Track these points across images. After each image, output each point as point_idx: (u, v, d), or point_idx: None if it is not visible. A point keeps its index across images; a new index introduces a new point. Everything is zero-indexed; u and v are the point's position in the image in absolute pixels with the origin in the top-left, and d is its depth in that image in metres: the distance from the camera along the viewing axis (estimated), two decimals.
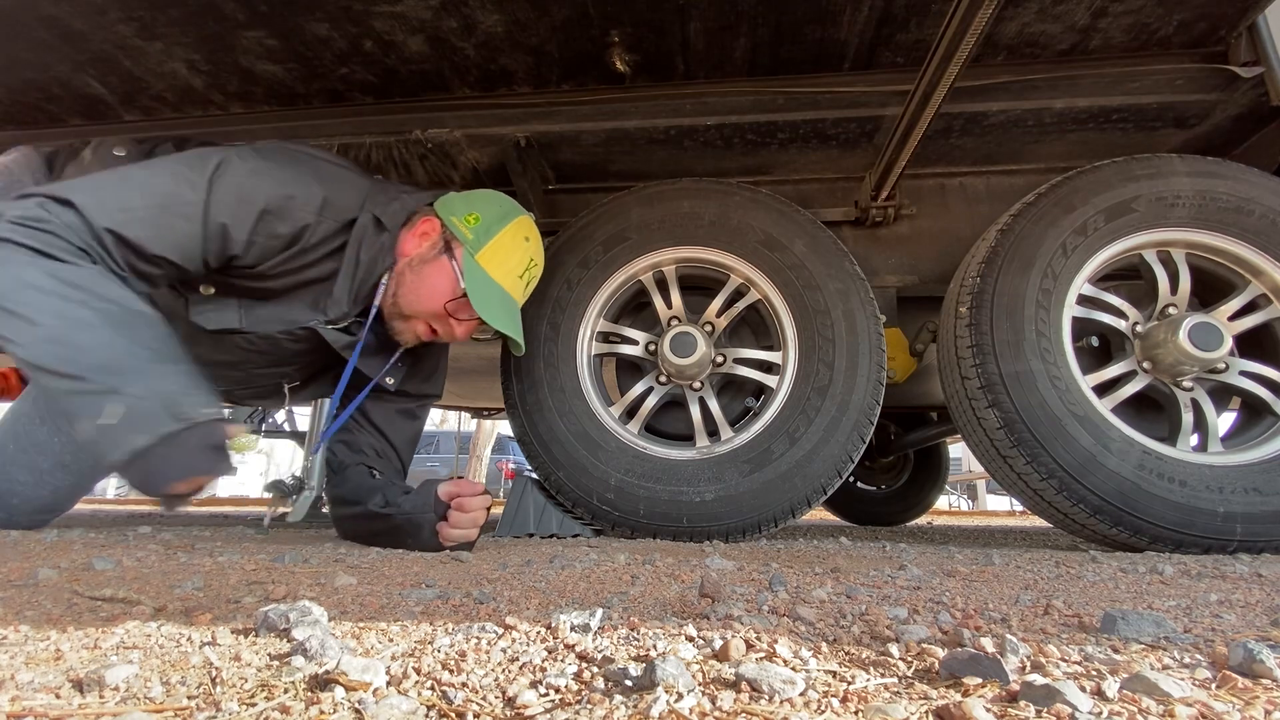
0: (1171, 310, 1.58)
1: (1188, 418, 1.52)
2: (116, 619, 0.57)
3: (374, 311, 1.38)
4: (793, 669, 0.46)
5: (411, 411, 1.63)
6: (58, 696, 0.40)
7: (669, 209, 1.78)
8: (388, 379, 1.52)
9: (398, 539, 1.31)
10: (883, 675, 0.45)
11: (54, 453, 1.44)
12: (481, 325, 1.41)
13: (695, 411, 1.73)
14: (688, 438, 1.74)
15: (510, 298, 1.43)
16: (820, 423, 1.60)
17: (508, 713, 0.39)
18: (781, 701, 0.40)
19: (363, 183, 1.39)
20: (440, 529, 1.26)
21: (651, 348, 1.78)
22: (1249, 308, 1.58)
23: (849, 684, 0.44)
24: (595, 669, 0.46)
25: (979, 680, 0.43)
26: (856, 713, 0.39)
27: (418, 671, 0.45)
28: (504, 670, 0.46)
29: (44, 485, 1.44)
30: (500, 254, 1.41)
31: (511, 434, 1.79)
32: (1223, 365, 1.52)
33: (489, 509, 1.31)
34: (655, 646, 0.51)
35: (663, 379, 1.76)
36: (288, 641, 0.49)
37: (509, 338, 1.41)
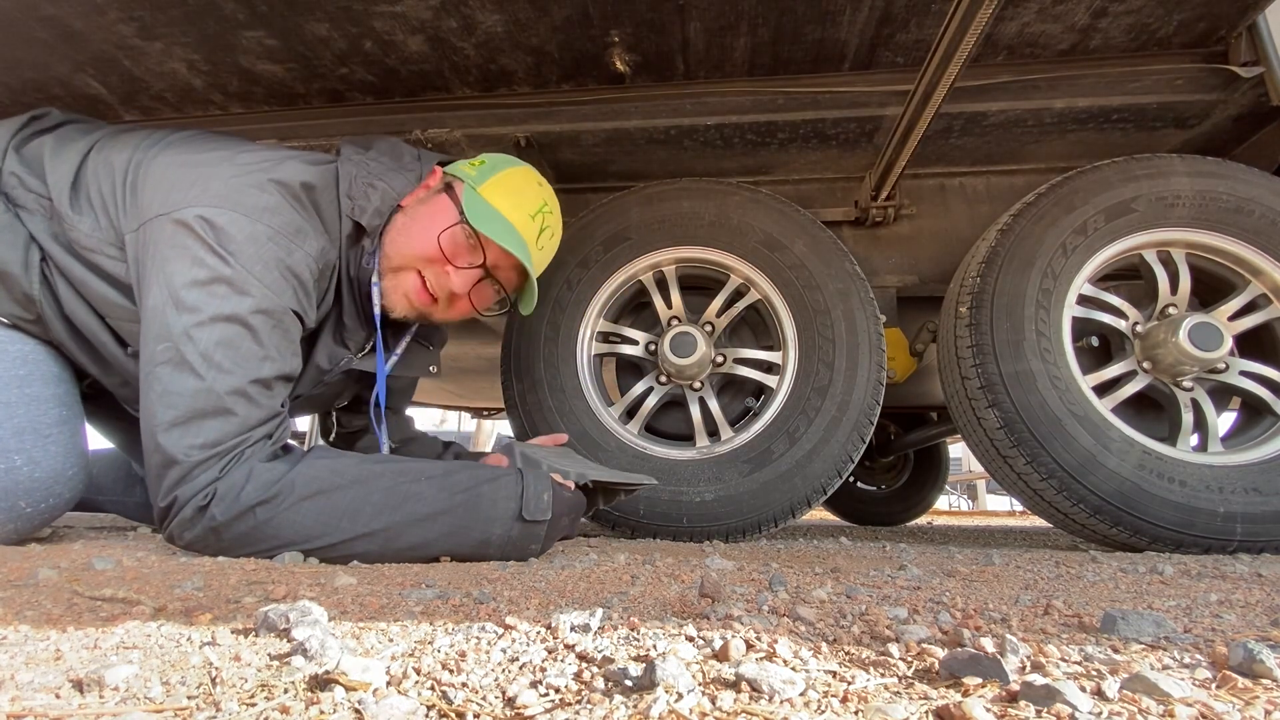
0: (1171, 310, 1.58)
1: (1188, 418, 1.52)
2: (116, 619, 0.57)
3: (377, 315, 1.22)
4: (793, 669, 0.46)
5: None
6: (58, 696, 0.40)
7: (669, 209, 1.78)
8: (430, 368, 1.45)
9: None
10: (883, 675, 0.45)
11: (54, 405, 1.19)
12: (489, 298, 1.29)
13: (695, 411, 1.73)
14: (688, 438, 1.74)
15: (519, 235, 1.22)
16: (820, 423, 1.60)
17: (508, 713, 0.39)
18: (781, 701, 0.40)
19: (326, 176, 1.18)
20: None
21: (651, 348, 1.78)
22: (1249, 308, 1.58)
23: (849, 684, 0.43)
24: (595, 669, 0.46)
25: (979, 680, 0.43)
26: (856, 713, 0.39)
27: (418, 671, 0.45)
28: (504, 670, 0.46)
29: (48, 451, 1.16)
30: (506, 187, 1.24)
31: (511, 434, 1.78)
32: (1223, 365, 1.52)
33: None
34: (655, 646, 0.51)
35: (663, 379, 1.76)
36: (288, 641, 0.49)
37: (520, 297, 1.28)
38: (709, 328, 1.77)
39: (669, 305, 1.79)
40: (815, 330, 1.67)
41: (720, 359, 1.75)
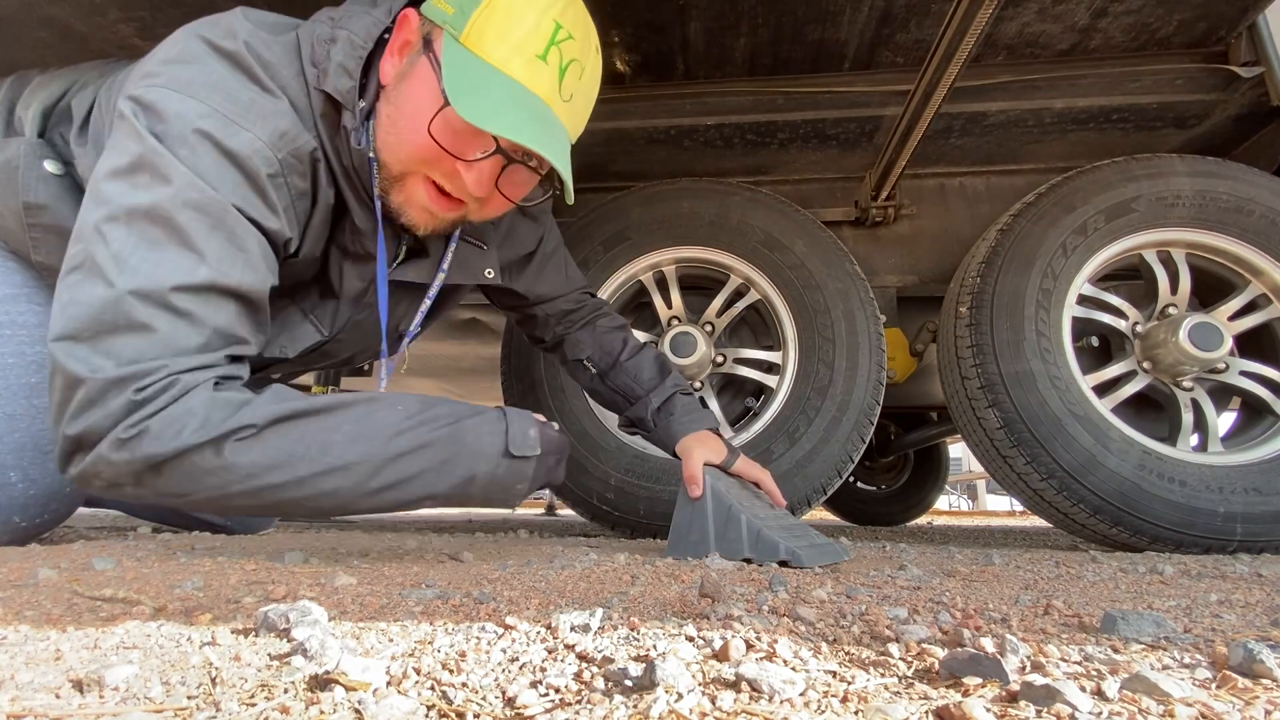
0: (1171, 310, 1.58)
1: (1188, 418, 1.53)
2: (116, 619, 0.57)
3: (378, 203, 0.95)
4: (793, 669, 0.46)
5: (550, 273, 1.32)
6: (58, 696, 0.40)
7: (669, 209, 1.78)
8: (486, 271, 1.17)
9: None
10: (883, 675, 0.45)
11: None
12: (525, 184, 0.99)
13: None
14: None
15: (529, 95, 0.87)
16: (820, 423, 1.60)
17: (507, 713, 0.39)
18: (781, 701, 0.40)
19: (287, 48, 0.92)
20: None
21: None
22: (1249, 308, 1.59)
23: (849, 684, 0.43)
24: (595, 669, 0.46)
25: (979, 680, 0.42)
26: (856, 713, 0.39)
27: (418, 671, 0.45)
28: (504, 670, 0.46)
29: (46, 468, 1.12)
30: (495, 21, 0.85)
31: None
32: (1223, 365, 1.52)
33: None
34: (655, 646, 0.51)
35: None
36: (288, 641, 0.49)
37: (559, 182, 0.91)
38: (709, 328, 1.77)
39: (669, 305, 1.79)
40: (815, 330, 1.67)
41: (720, 359, 1.75)
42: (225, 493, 0.79)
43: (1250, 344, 1.63)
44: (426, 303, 1.13)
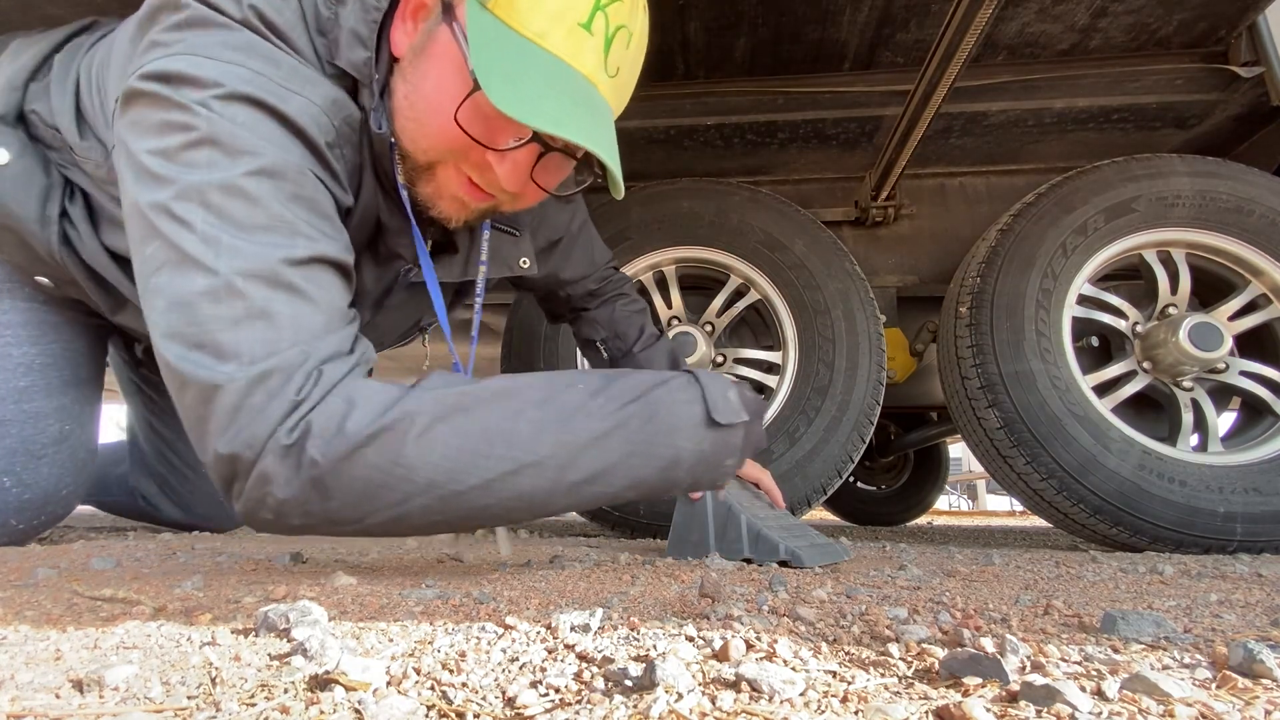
0: (1171, 310, 1.58)
1: (1188, 418, 1.53)
2: (116, 619, 0.57)
3: (403, 190, 0.84)
4: (793, 669, 0.46)
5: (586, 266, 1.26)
6: (57, 696, 0.40)
7: (669, 209, 1.78)
8: (521, 261, 1.07)
9: None
10: (883, 675, 0.45)
11: (55, 420, 1.11)
12: (561, 172, 0.88)
13: None
14: None
15: (572, 73, 0.75)
16: (820, 423, 1.60)
17: (507, 713, 0.39)
18: (781, 701, 0.40)
19: (296, 13, 0.79)
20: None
21: None
22: (1249, 308, 1.59)
23: (849, 684, 0.43)
24: (595, 669, 0.46)
25: (979, 680, 0.42)
26: (856, 713, 0.39)
27: (418, 671, 0.45)
28: (504, 670, 0.46)
29: (40, 472, 1.09)
30: None
31: None
32: (1223, 365, 1.52)
33: None
34: (655, 646, 0.51)
35: None
36: (288, 641, 0.49)
37: (606, 170, 0.76)
38: (709, 328, 1.77)
39: (669, 305, 1.79)
40: (815, 330, 1.67)
41: (720, 359, 1.75)
42: (404, 510, 0.66)
43: (1250, 344, 1.63)
44: (478, 300, 1.03)
